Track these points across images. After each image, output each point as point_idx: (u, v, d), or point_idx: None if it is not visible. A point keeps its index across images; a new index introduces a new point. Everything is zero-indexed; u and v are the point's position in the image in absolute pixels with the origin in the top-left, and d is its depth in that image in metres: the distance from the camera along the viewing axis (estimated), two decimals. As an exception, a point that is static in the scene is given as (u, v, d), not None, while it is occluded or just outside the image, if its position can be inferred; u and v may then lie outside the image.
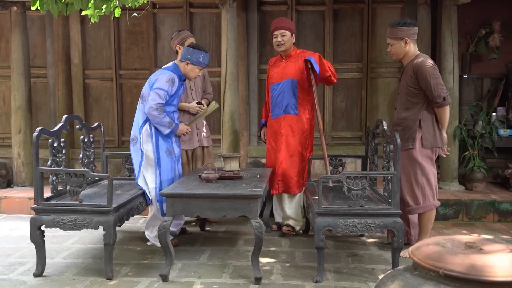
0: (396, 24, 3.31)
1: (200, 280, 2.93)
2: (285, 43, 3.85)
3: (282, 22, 3.93)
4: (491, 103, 5.60)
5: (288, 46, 3.88)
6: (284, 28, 3.84)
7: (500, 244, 1.34)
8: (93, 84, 5.96)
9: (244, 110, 5.66)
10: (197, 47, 3.53)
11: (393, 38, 3.31)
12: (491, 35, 5.37)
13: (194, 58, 3.49)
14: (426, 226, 3.36)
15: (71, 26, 5.80)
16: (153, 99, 3.36)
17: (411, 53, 3.33)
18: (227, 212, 2.89)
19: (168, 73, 3.46)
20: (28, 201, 4.67)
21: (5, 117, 5.96)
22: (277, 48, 3.90)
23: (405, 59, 3.37)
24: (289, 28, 3.86)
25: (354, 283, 2.89)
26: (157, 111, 3.36)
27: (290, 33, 3.87)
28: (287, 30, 3.84)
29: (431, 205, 3.35)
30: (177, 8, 5.77)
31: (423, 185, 3.32)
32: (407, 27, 3.27)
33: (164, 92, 3.39)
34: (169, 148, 3.52)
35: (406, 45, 3.29)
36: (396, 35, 3.29)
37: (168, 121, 3.43)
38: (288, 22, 3.96)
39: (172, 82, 3.42)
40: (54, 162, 3.09)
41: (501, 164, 5.40)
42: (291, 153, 3.82)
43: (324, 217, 2.91)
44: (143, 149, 3.46)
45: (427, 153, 3.33)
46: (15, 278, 2.98)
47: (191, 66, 3.52)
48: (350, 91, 5.75)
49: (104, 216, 2.90)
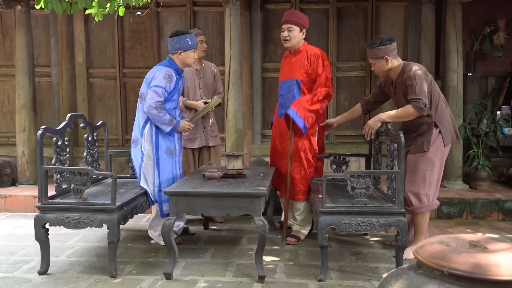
0: (373, 45, 3.28)
1: (204, 279, 2.93)
2: (291, 39, 3.63)
3: (292, 15, 3.67)
4: (495, 101, 5.58)
5: (295, 43, 3.65)
6: (292, 22, 3.60)
7: (505, 243, 1.34)
8: (97, 83, 5.98)
9: (247, 109, 5.66)
10: (180, 33, 3.44)
11: (374, 58, 3.30)
12: (496, 33, 5.35)
13: (183, 44, 3.40)
14: (422, 226, 3.34)
15: (75, 25, 5.82)
16: (151, 97, 3.30)
17: (395, 68, 3.30)
18: (231, 210, 2.90)
19: (164, 69, 3.38)
20: (32, 200, 4.69)
21: (10, 115, 5.99)
22: (283, 43, 3.69)
23: (392, 74, 3.34)
24: (297, 22, 3.61)
25: (357, 281, 2.89)
26: (156, 109, 3.30)
27: (299, 28, 3.62)
28: (294, 25, 3.60)
29: (433, 205, 3.35)
30: (181, 6, 5.78)
31: (430, 184, 3.30)
32: (384, 46, 3.23)
33: (162, 89, 3.32)
34: (169, 148, 3.46)
35: (387, 62, 3.26)
36: (376, 56, 3.27)
37: (168, 118, 3.37)
38: (298, 16, 3.68)
39: (169, 78, 3.35)
40: (58, 161, 3.10)
41: (506, 162, 5.38)
42: (296, 159, 3.62)
43: (327, 216, 2.90)
44: (144, 150, 3.40)
45: (442, 151, 3.31)
46: (20, 276, 2.99)
47: (185, 54, 3.42)
48: (354, 89, 5.74)
49: (108, 214, 2.90)
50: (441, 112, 3.29)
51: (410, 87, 3.17)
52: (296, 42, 3.67)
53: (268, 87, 5.87)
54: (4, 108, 6.06)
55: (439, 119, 3.27)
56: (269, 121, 5.90)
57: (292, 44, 3.67)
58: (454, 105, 4.82)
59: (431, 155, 3.27)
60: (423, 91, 3.12)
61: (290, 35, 3.62)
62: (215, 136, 4.25)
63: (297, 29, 3.62)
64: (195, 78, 4.12)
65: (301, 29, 3.65)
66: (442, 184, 4.95)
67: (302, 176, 3.65)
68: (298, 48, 3.70)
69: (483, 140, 4.87)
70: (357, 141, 5.75)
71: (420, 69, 3.22)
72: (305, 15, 3.76)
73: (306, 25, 3.68)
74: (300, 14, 3.73)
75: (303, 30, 3.66)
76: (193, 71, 4.12)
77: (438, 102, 3.29)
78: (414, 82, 3.14)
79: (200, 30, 4.23)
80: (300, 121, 3.47)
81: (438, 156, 3.30)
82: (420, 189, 3.28)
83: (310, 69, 3.64)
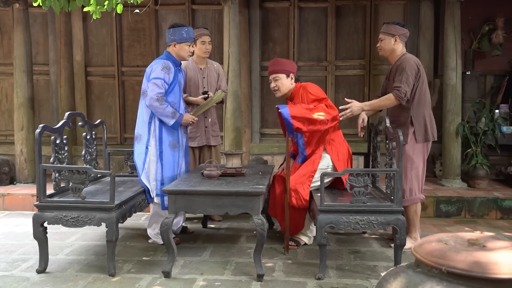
0: (391, 21, 3.55)
1: (202, 277, 2.93)
2: (279, 88, 3.52)
3: (274, 65, 3.55)
4: (494, 100, 5.58)
5: (285, 90, 3.53)
6: (276, 71, 3.50)
7: (503, 241, 1.34)
8: (95, 81, 5.97)
9: (246, 107, 5.66)
10: (177, 25, 3.46)
11: (386, 33, 3.50)
12: (495, 32, 5.34)
13: (178, 36, 3.42)
14: (413, 219, 3.49)
15: (73, 23, 5.80)
16: (152, 90, 3.32)
17: (398, 51, 3.49)
18: (229, 209, 2.89)
19: (161, 61, 3.42)
20: (31, 198, 4.68)
21: (8, 114, 5.98)
22: (275, 94, 3.59)
23: (392, 56, 3.52)
24: (282, 70, 3.50)
25: (356, 280, 2.89)
26: (158, 101, 3.31)
27: (285, 74, 3.50)
28: (280, 73, 3.49)
29: (416, 199, 3.47)
30: (179, 4, 5.77)
31: (412, 180, 3.44)
32: (400, 27, 3.48)
33: (161, 80, 3.33)
34: (172, 141, 3.47)
35: (395, 42, 3.47)
36: (389, 31, 3.48)
37: (171, 111, 3.38)
38: (281, 63, 3.55)
39: (167, 69, 3.37)
40: (57, 159, 3.10)
41: (504, 161, 5.39)
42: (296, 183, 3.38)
43: (326, 214, 2.90)
44: (149, 145, 3.43)
45: (419, 148, 3.45)
46: (18, 274, 2.99)
47: (179, 46, 3.44)
48: (353, 88, 5.74)
49: (107, 213, 2.90)
50: (418, 109, 3.43)
51: (398, 75, 3.37)
52: (286, 88, 3.54)
53: (266, 86, 5.86)
54: (2, 107, 6.04)
55: (415, 115, 3.42)
56: (268, 120, 5.92)
57: (283, 92, 3.56)
58: (453, 103, 4.83)
59: (409, 153, 3.42)
60: (408, 82, 3.33)
61: (277, 84, 3.52)
62: (217, 136, 4.24)
63: (283, 76, 3.51)
64: (198, 77, 4.10)
65: (288, 75, 3.52)
66: (441, 182, 4.96)
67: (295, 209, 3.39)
68: (291, 94, 3.58)
69: (482, 138, 4.87)
70: (356, 139, 5.74)
71: (415, 63, 3.40)
72: (289, 60, 3.68)
73: (292, 69, 3.55)
74: (283, 61, 3.60)
75: (291, 75, 3.53)
76: (197, 69, 4.11)
77: (421, 99, 3.43)
78: (403, 71, 3.34)
79: (206, 31, 4.12)
80: (285, 109, 3.21)
81: (416, 153, 3.44)
82: (403, 184, 3.32)
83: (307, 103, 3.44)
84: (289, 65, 3.56)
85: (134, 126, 3.58)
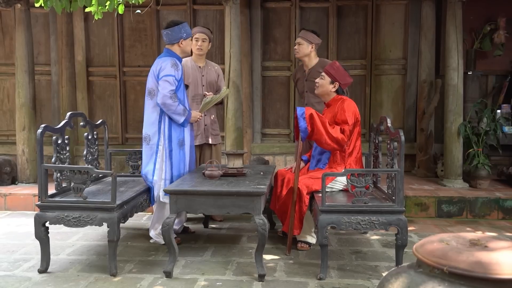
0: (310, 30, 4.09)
1: (204, 277, 2.93)
2: (319, 86, 3.51)
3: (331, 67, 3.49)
4: (495, 100, 5.57)
5: (322, 91, 3.51)
6: (325, 73, 3.49)
7: (505, 242, 1.33)
8: (96, 81, 5.97)
9: (247, 107, 5.66)
10: (177, 23, 3.47)
11: (305, 39, 4.00)
12: (496, 32, 5.34)
13: (183, 33, 3.46)
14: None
15: (74, 23, 5.81)
16: (164, 87, 3.32)
17: (313, 57, 4.06)
18: (231, 209, 2.89)
19: (169, 58, 3.42)
20: (32, 198, 4.68)
21: (10, 114, 5.99)
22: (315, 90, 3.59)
23: (308, 61, 4.05)
24: (330, 74, 3.47)
25: (357, 280, 2.89)
26: (171, 99, 3.32)
27: (331, 79, 3.46)
28: (327, 75, 3.47)
29: None
30: (181, 5, 5.77)
31: None
32: (317, 37, 4.05)
33: (172, 77, 3.35)
34: (180, 139, 3.50)
35: (312, 49, 4.03)
36: (308, 38, 3.99)
37: (182, 108, 3.40)
38: (334, 68, 3.48)
39: (176, 66, 3.40)
40: (58, 159, 3.10)
41: (506, 161, 5.38)
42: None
43: (327, 214, 2.90)
44: (160, 144, 3.43)
45: None
46: (20, 274, 2.99)
47: (185, 42, 3.49)
48: (354, 88, 5.73)
49: (108, 213, 2.90)
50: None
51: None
52: (324, 91, 3.52)
53: (268, 86, 5.87)
54: (4, 107, 6.06)
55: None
56: (269, 120, 5.92)
57: (319, 92, 3.55)
58: (454, 103, 4.82)
59: None
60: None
61: (319, 82, 3.52)
62: (216, 135, 4.23)
63: (328, 79, 3.49)
64: (197, 75, 4.10)
65: (332, 82, 3.47)
66: (442, 183, 4.95)
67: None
68: (329, 100, 3.54)
69: (483, 138, 4.87)
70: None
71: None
72: (345, 72, 3.52)
73: (340, 80, 3.48)
74: (338, 69, 3.51)
75: (335, 84, 3.48)
76: (196, 67, 4.11)
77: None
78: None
79: (201, 29, 4.11)
80: (303, 121, 3.22)
81: None
82: None
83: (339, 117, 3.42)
84: (339, 75, 3.48)
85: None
